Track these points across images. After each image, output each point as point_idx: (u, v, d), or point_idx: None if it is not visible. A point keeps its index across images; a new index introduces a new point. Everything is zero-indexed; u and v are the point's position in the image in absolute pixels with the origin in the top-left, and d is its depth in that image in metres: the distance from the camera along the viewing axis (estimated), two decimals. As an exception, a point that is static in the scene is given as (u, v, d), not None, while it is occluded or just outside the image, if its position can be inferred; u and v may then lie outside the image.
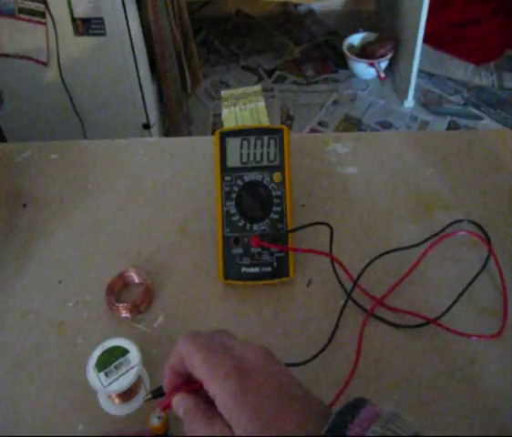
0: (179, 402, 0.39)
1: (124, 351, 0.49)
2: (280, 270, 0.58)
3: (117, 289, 0.60)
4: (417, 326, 0.55)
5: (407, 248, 0.62)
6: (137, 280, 0.60)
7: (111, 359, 0.49)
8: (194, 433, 0.37)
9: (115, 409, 0.50)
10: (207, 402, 0.38)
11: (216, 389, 0.36)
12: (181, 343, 0.39)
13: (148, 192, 0.70)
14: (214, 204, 0.59)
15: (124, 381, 0.48)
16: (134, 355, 0.49)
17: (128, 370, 0.48)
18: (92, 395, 0.51)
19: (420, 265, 0.60)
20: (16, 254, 0.64)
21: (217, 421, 0.36)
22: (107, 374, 0.48)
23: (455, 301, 0.56)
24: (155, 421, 0.40)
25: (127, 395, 0.50)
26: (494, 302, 0.57)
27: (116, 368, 0.48)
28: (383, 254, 0.61)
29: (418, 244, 0.62)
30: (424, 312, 0.56)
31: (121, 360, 0.49)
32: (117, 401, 0.50)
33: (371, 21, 2.50)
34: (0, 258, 0.64)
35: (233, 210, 0.58)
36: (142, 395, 0.50)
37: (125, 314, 0.57)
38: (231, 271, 0.59)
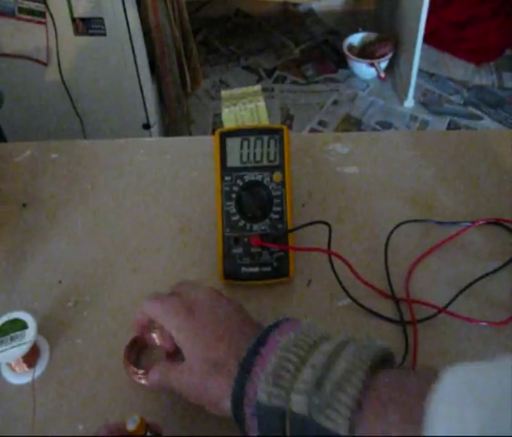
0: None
1: (24, 325, 0.52)
2: (280, 270, 0.58)
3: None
4: (426, 319, 0.55)
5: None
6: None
7: (9, 330, 0.51)
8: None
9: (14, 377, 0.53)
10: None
11: (170, 326, 0.45)
12: (146, 304, 0.48)
13: (148, 192, 0.70)
14: (214, 204, 0.59)
15: (14, 354, 0.50)
16: (31, 331, 0.52)
17: (20, 345, 0.51)
18: (92, 395, 0.51)
19: (423, 262, 0.60)
20: (16, 254, 0.64)
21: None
22: (1, 342, 0.51)
23: (459, 293, 0.57)
24: (131, 426, 0.40)
25: (20, 366, 0.52)
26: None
27: (11, 339, 0.51)
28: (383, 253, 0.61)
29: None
30: (427, 308, 0.56)
31: (18, 333, 0.51)
32: (17, 370, 0.53)
33: (371, 21, 2.50)
34: (0, 258, 0.64)
35: (233, 210, 0.58)
36: (39, 369, 0.53)
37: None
38: (231, 271, 0.58)
